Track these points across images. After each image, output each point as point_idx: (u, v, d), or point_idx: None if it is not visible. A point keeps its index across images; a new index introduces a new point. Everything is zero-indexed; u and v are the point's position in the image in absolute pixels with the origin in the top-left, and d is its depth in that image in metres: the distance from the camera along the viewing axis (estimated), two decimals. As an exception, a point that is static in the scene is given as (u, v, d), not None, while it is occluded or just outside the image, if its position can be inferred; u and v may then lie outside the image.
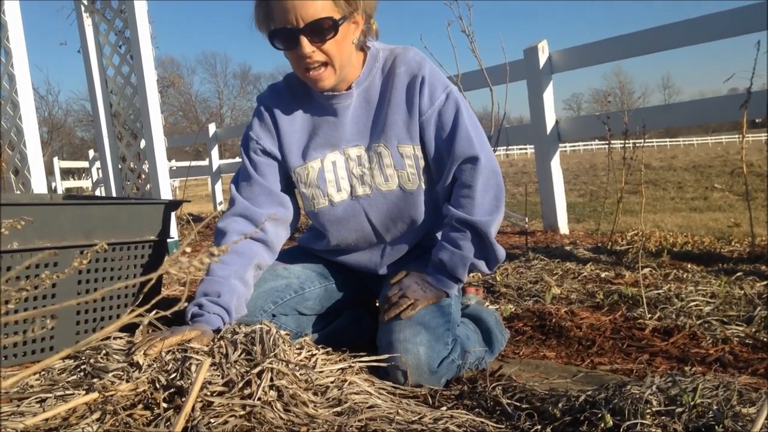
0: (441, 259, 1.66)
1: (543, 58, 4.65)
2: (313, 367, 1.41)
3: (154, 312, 0.87)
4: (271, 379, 1.29)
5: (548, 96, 4.68)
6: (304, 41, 1.52)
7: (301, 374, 1.36)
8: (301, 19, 1.50)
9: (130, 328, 1.65)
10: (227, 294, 1.58)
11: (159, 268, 0.74)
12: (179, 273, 0.68)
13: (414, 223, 1.73)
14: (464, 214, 1.63)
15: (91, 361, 1.41)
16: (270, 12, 1.55)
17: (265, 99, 1.77)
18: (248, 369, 1.30)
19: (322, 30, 1.52)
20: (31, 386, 1.36)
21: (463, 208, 1.64)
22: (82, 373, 1.38)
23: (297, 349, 1.47)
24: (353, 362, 1.52)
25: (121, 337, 1.57)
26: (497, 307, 2.36)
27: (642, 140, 3.68)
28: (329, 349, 1.60)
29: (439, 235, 1.78)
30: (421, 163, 1.69)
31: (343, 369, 1.46)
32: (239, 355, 1.36)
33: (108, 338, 1.55)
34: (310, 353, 1.48)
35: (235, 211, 1.72)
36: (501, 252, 1.67)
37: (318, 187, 1.71)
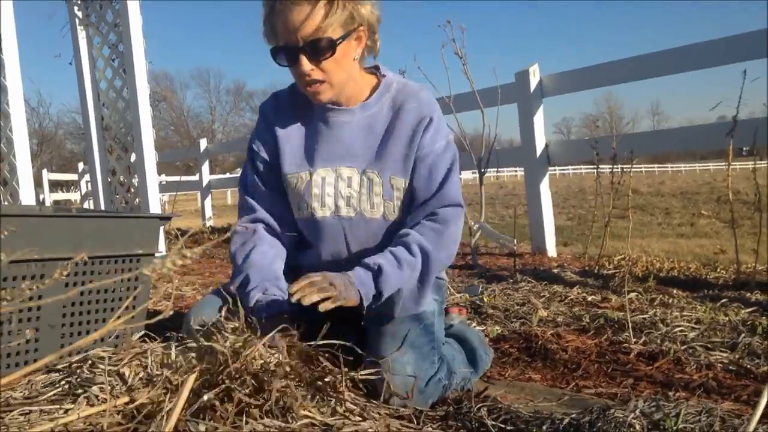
0: (380, 264, 1.58)
1: (534, 82, 4.69)
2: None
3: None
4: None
5: (539, 119, 4.71)
6: (303, 60, 1.55)
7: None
8: (301, 38, 1.53)
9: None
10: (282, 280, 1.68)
11: (146, 281, 0.75)
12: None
13: (379, 248, 1.69)
14: (427, 243, 1.62)
15: (78, 371, 1.40)
16: (274, 28, 1.58)
17: (266, 107, 1.80)
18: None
19: (319, 50, 1.55)
20: (15, 399, 1.35)
21: (427, 238, 1.63)
22: (67, 386, 1.38)
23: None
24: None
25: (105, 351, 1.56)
26: (484, 328, 2.36)
27: (630, 165, 3.72)
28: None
29: None
30: (406, 197, 1.70)
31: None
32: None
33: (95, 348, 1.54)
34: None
35: (246, 210, 1.77)
36: (427, 300, 1.68)
37: (302, 198, 1.72)
